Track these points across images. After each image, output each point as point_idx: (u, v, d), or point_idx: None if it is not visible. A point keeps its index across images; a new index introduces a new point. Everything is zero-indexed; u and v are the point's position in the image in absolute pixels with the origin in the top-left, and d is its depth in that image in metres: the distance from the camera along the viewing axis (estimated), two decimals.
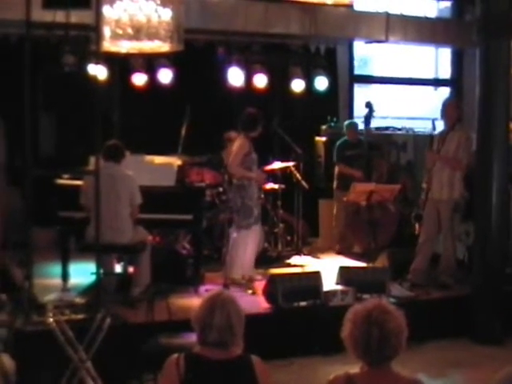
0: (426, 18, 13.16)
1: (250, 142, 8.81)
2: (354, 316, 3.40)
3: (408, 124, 13.26)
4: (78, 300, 7.31)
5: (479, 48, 8.38)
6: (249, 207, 8.77)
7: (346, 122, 11.38)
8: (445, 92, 14.31)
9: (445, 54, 14.48)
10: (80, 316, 6.62)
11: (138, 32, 7.24)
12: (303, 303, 7.83)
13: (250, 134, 8.81)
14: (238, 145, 8.87)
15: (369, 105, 10.50)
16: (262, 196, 9.87)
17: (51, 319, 6.23)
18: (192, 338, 4.09)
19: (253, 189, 8.82)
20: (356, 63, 13.57)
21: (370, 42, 12.58)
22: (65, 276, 8.41)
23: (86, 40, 9.49)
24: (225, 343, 3.74)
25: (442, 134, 8.97)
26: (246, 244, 8.85)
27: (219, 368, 3.70)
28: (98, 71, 8.65)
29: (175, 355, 3.75)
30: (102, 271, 7.16)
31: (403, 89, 14.27)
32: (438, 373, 7.23)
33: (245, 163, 8.76)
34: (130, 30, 7.23)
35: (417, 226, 9.26)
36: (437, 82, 14.78)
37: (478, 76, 8.41)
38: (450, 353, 7.85)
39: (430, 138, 9.61)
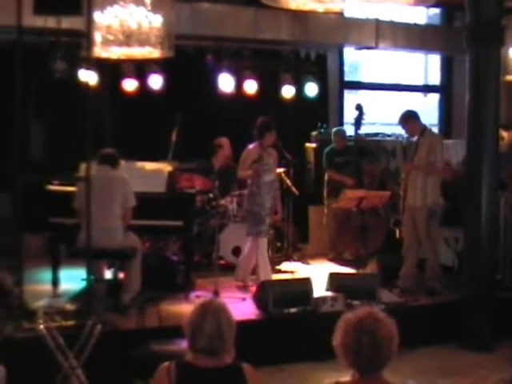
0: (416, 25, 13.23)
1: (263, 150, 8.95)
2: (345, 324, 3.40)
3: (397, 130, 13.27)
4: (69, 306, 7.28)
5: (468, 54, 8.40)
6: (257, 214, 8.83)
7: (334, 129, 11.37)
8: (434, 98, 14.36)
9: (434, 61, 14.53)
10: (70, 322, 6.61)
11: (129, 38, 7.27)
12: (293, 310, 7.82)
13: (261, 141, 8.93)
14: (245, 152, 9.04)
15: (359, 107, 10.29)
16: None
17: (42, 326, 6.23)
18: (183, 344, 4.09)
19: (263, 197, 8.87)
20: (346, 69, 13.61)
21: (360, 49, 12.63)
22: (55, 282, 8.38)
23: (77, 46, 9.47)
24: (215, 350, 3.74)
25: (414, 142, 9.02)
26: (265, 248, 8.98)
27: (210, 376, 3.70)
28: (89, 77, 8.63)
29: (166, 363, 3.74)
30: (92, 277, 7.15)
31: (393, 95, 14.31)
32: (428, 380, 7.23)
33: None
34: (120, 36, 7.26)
35: (397, 231, 9.32)
36: (426, 89, 14.84)
37: (467, 82, 8.43)
38: (439, 360, 7.86)
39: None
